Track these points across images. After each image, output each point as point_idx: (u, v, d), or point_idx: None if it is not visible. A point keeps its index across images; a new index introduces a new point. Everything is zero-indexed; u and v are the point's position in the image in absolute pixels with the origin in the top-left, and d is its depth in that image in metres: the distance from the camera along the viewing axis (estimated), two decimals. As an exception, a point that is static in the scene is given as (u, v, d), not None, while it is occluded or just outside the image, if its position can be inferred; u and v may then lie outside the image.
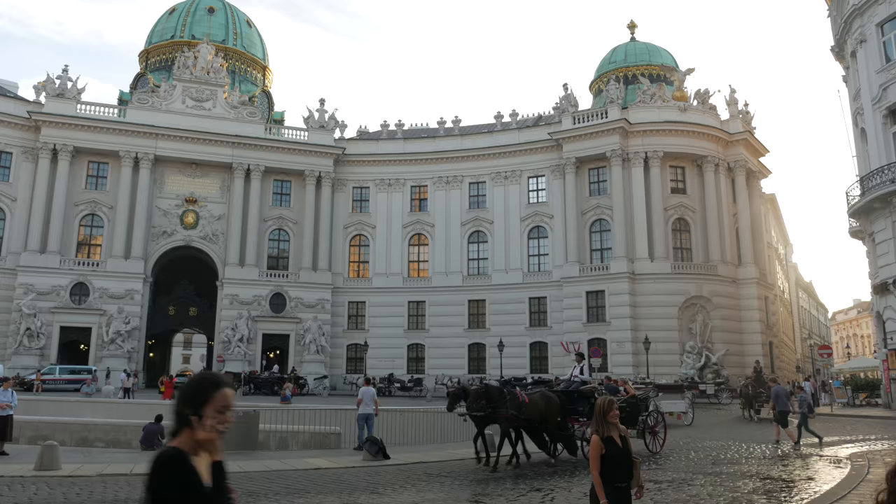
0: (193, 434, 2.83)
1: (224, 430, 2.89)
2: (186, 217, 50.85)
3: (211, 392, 2.88)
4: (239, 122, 52.67)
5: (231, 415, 2.92)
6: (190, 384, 2.97)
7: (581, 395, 15.79)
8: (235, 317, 48.93)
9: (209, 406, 2.85)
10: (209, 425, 2.84)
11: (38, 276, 45.85)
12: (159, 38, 64.99)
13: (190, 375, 3.29)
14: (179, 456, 2.77)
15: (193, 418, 2.83)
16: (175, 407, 2.91)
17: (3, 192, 47.25)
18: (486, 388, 14.99)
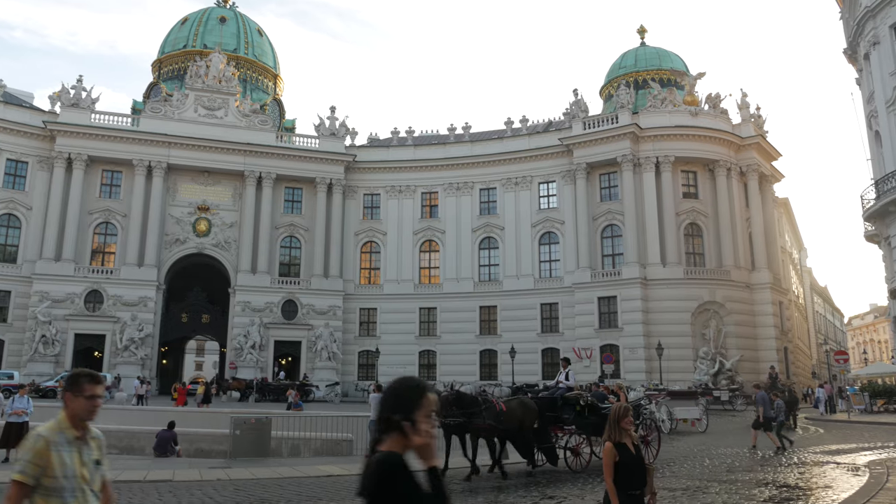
0: (406, 440, 2.81)
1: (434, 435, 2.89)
2: (199, 225, 51.16)
3: (419, 397, 2.87)
4: (250, 130, 52.99)
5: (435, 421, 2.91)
6: (397, 390, 2.94)
7: (566, 403, 15.09)
8: (247, 324, 49.10)
9: (420, 411, 2.84)
10: (424, 430, 2.82)
11: (53, 283, 46.24)
12: (172, 47, 65.58)
13: (386, 383, 3.21)
14: (401, 461, 2.77)
15: (406, 424, 2.80)
16: (381, 414, 2.90)
17: (19, 200, 47.75)
18: (458, 396, 14.39)
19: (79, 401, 3.67)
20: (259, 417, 18.74)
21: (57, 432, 3.61)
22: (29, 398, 16.28)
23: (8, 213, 47.52)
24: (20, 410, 15.49)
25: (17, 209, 47.74)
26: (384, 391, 3.01)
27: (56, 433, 3.61)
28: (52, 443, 3.54)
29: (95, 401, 3.71)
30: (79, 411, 3.67)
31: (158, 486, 12.24)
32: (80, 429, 3.69)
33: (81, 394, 3.67)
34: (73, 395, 3.68)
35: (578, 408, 14.81)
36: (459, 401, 14.04)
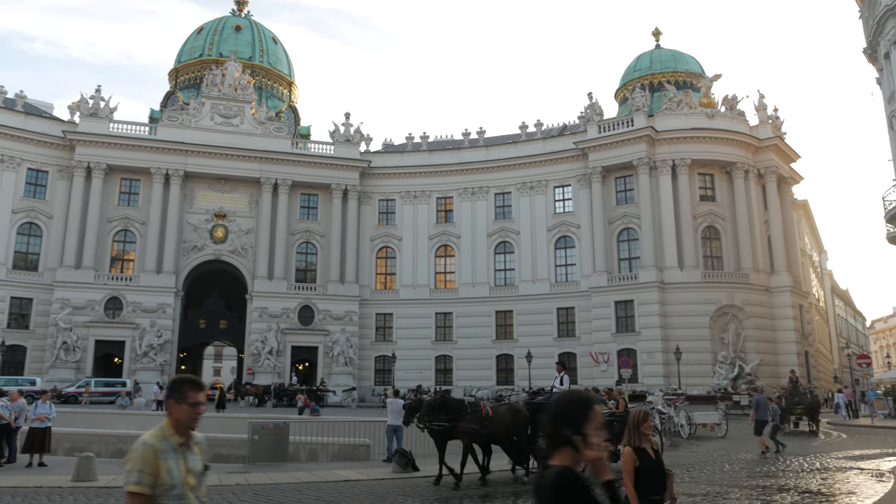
0: (577, 455, 2.79)
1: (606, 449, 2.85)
2: (216, 231, 51.55)
3: (587, 410, 2.85)
4: (266, 137, 53.36)
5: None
6: (565, 404, 2.92)
7: None
8: (265, 329, 49.36)
9: (589, 424, 2.82)
10: (595, 444, 2.80)
11: (73, 290, 46.77)
12: (188, 56, 66.19)
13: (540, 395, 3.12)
14: (578, 475, 2.75)
15: (576, 438, 2.78)
16: (549, 429, 2.89)
17: (40, 209, 48.39)
18: (443, 401, 14.23)
19: (182, 408, 3.59)
20: (277, 422, 18.83)
21: (161, 440, 3.54)
22: (51, 404, 16.48)
23: (29, 221, 48.16)
24: (43, 416, 15.67)
25: (39, 218, 48.39)
26: (551, 405, 2.98)
27: (161, 440, 3.53)
28: (158, 451, 3.48)
29: (199, 408, 3.63)
30: (183, 418, 3.59)
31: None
32: (184, 436, 3.62)
33: (185, 401, 3.60)
34: (177, 402, 3.60)
35: None
36: (444, 406, 13.89)
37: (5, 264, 46.62)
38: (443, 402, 14.15)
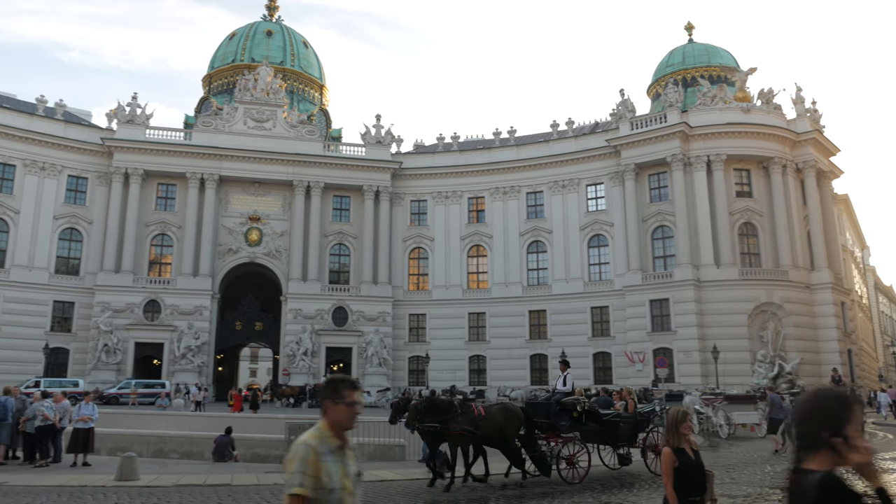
0: (838, 459, 2.57)
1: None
2: (250, 234, 52.22)
3: (847, 409, 2.61)
4: (298, 140, 53.89)
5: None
6: (818, 403, 2.67)
7: (563, 409, 14.23)
8: (299, 331, 49.84)
9: (851, 425, 2.58)
10: (860, 446, 2.55)
11: (113, 294, 47.77)
12: (221, 62, 67.16)
13: (812, 392, 2.79)
14: (845, 482, 2.54)
15: (837, 440, 2.55)
16: (804, 429, 2.67)
17: (80, 215, 49.53)
18: (431, 402, 13.87)
19: (339, 408, 3.47)
20: (313, 423, 18.97)
21: (321, 441, 3.42)
22: (94, 405, 16.82)
23: (70, 227, 49.33)
24: (86, 417, 16.01)
25: (79, 223, 49.53)
26: (799, 405, 2.76)
27: (320, 442, 3.41)
28: (319, 452, 3.37)
29: (356, 407, 3.50)
30: (340, 418, 3.47)
31: (218, 490, 12.49)
32: (340, 437, 3.49)
33: (342, 400, 3.47)
34: (334, 403, 3.48)
35: (575, 414, 14.13)
36: (434, 407, 13.54)
37: (48, 269, 47.82)
38: (431, 403, 13.83)
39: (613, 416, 14.71)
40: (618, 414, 14.80)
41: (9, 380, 32.55)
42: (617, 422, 14.48)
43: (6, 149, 47.43)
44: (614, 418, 14.63)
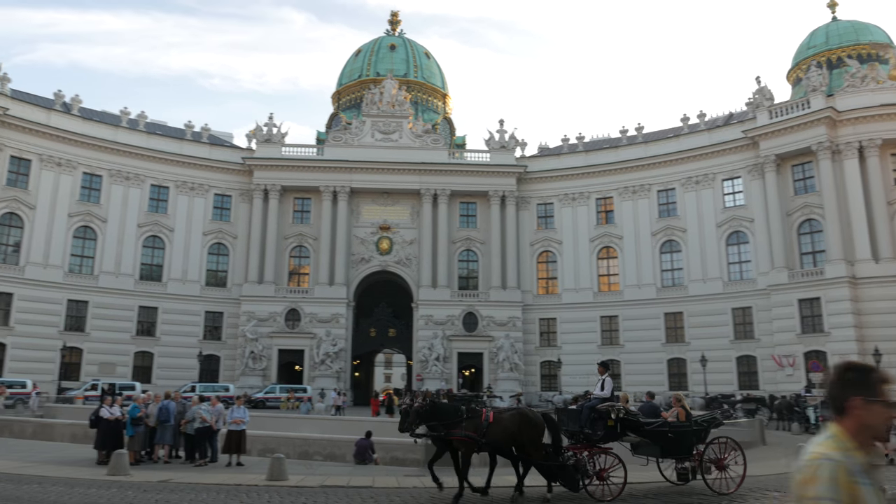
0: None
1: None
2: (381, 243, 53.80)
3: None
4: (424, 149, 54.97)
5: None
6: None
7: (598, 417, 12.77)
8: (431, 336, 50.67)
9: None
10: None
11: (257, 304, 50.72)
12: (348, 78, 69.79)
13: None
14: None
15: None
16: None
17: (226, 230, 53.08)
18: (434, 407, 13.07)
19: (874, 409, 2.60)
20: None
21: (844, 455, 2.54)
22: (245, 408, 17.80)
23: (218, 242, 52.93)
24: (238, 419, 16.98)
25: (225, 238, 53.06)
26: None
27: (845, 456, 2.54)
28: (849, 472, 2.50)
29: (894, 410, 2.62)
30: (874, 423, 2.59)
31: (361, 491, 12.80)
32: (869, 450, 2.59)
33: (878, 398, 2.61)
34: (866, 402, 2.60)
35: (610, 422, 12.63)
36: (436, 412, 12.78)
37: (199, 282, 51.54)
38: (433, 408, 13.07)
39: (659, 426, 13.14)
40: (664, 423, 13.22)
41: (169, 385, 35.25)
42: (664, 432, 12.93)
43: (161, 172, 51.65)
44: (660, 428, 13.07)
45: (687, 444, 12.91)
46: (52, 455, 17.60)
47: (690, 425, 13.23)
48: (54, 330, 45.20)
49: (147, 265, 50.60)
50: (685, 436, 12.95)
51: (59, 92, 49.84)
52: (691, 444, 12.96)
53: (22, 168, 46.50)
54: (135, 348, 48.49)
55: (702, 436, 13.15)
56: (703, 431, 13.20)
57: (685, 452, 13.00)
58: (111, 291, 48.05)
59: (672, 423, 13.26)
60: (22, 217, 46.00)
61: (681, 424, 13.22)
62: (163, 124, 58.61)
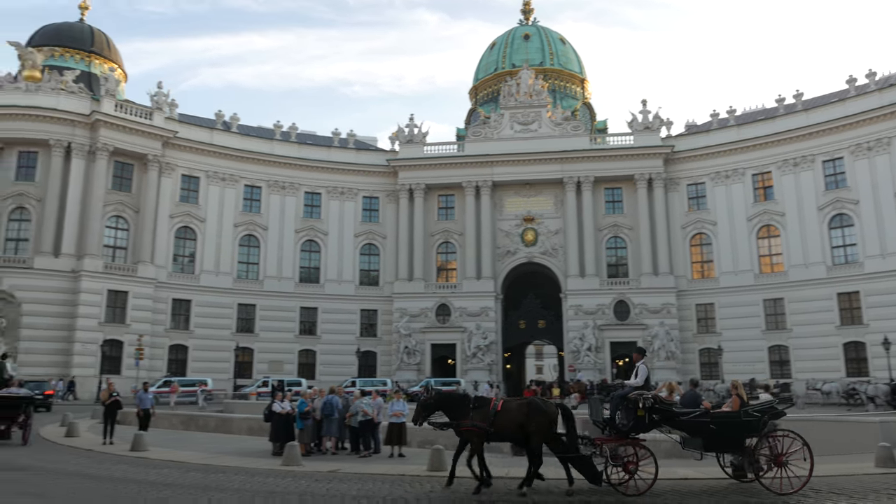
0: None
1: None
2: (526, 235, 53.65)
3: None
4: (564, 137, 54.14)
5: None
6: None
7: (627, 406, 11.90)
8: (581, 326, 49.85)
9: None
10: None
11: (408, 300, 52.32)
12: (484, 73, 70.16)
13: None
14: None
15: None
16: None
17: (375, 231, 55.21)
18: (440, 398, 12.83)
19: None
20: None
21: None
22: (404, 402, 18.40)
23: (368, 242, 55.15)
24: (398, 412, 17.55)
25: (375, 238, 55.18)
26: None
27: None
28: None
29: None
30: None
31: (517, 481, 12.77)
32: None
33: None
34: None
35: (641, 412, 11.69)
36: (443, 403, 12.66)
37: (353, 282, 53.99)
38: (440, 398, 12.86)
39: (697, 416, 11.86)
40: (705, 412, 11.87)
41: (331, 381, 37.14)
42: (704, 423, 11.67)
43: (313, 179, 54.59)
44: (699, 418, 11.80)
45: (733, 437, 11.61)
46: (232, 447, 19.06)
47: (738, 416, 11.78)
48: (228, 332, 49.16)
49: (305, 268, 53.69)
50: (730, 427, 11.62)
51: (219, 112, 54.04)
52: (740, 436, 11.60)
53: (192, 185, 50.89)
54: (299, 347, 51.64)
55: (755, 427, 11.65)
56: (755, 423, 11.66)
57: (732, 446, 11.78)
58: (275, 294, 51.45)
59: (715, 412, 11.93)
60: (195, 230, 50.33)
61: (725, 415, 11.89)
62: (312, 134, 61.83)
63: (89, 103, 46.69)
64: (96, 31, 53.88)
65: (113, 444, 18.61)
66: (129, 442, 17.74)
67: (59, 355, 42.35)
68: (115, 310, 44.91)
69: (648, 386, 12.44)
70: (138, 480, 12.86)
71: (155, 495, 11.33)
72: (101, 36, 53.98)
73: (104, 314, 44.21)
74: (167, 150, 49.14)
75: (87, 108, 46.40)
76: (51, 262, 43.68)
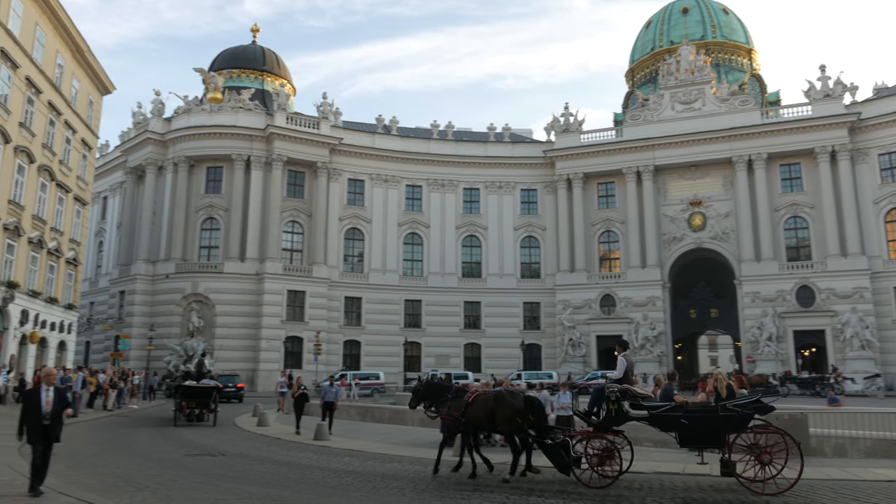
0: None
1: None
2: (693, 220, 51.05)
3: None
4: (731, 113, 50.86)
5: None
6: None
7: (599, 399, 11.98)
8: (759, 315, 46.63)
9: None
10: None
11: (571, 292, 51.66)
12: (640, 53, 67.51)
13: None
14: None
15: None
16: None
17: (535, 223, 55.07)
18: (428, 386, 13.66)
19: None
20: (793, 413, 17.25)
21: None
22: (570, 394, 18.15)
23: (528, 235, 55.09)
24: (565, 405, 17.36)
25: (535, 231, 55.01)
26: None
27: None
28: None
29: None
30: None
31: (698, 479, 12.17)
32: None
33: None
34: None
35: (611, 405, 11.61)
36: (428, 391, 13.51)
37: (515, 275, 54.21)
38: (426, 387, 13.67)
39: (667, 410, 11.41)
40: (677, 406, 11.37)
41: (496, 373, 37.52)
42: (675, 417, 11.22)
43: (471, 175, 55.40)
44: (670, 412, 11.34)
45: (709, 432, 11.08)
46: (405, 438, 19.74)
47: (715, 410, 11.15)
48: (396, 327, 51.24)
49: (467, 263, 54.64)
50: (706, 422, 11.09)
51: (379, 116, 56.42)
52: (718, 431, 10.96)
53: (358, 188, 53.52)
54: (464, 340, 52.69)
55: (735, 423, 10.88)
56: (736, 418, 10.89)
57: (709, 441, 11.33)
58: (439, 290, 52.85)
59: (689, 406, 11.58)
60: (362, 230, 52.90)
61: (699, 409, 11.53)
62: (468, 130, 62.76)
63: (264, 118, 50.55)
64: (267, 50, 58.17)
65: (300, 433, 19.95)
66: (312, 431, 18.92)
67: (248, 351, 46.33)
68: (294, 308, 48.38)
69: (627, 379, 12.36)
70: (322, 467, 13.68)
71: (338, 482, 11.98)
72: (271, 55, 58.20)
73: (285, 312, 47.75)
74: (334, 156, 52.03)
75: (262, 122, 50.27)
76: (238, 266, 47.84)
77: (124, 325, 47.46)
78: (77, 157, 37.45)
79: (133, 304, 48.02)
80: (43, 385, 9.12)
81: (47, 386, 9.15)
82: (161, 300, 47.77)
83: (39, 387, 9.16)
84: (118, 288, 50.67)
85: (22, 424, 8.86)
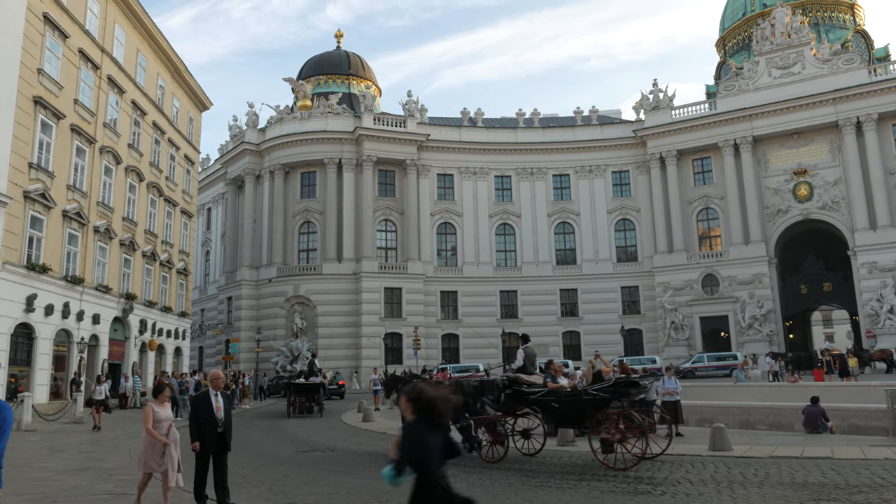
0: None
1: None
2: (798, 190, 48.41)
3: None
4: (834, 74, 47.81)
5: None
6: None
7: (491, 386, 13.56)
8: (878, 286, 43.74)
9: None
10: None
11: (670, 273, 50.13)
12: (730, 21, 64.56)
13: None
14: None
15: None
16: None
17: (628, 205, 53.66)
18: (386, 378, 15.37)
19: None
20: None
21: None
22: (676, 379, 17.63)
23: (622, 217, 53.79)
24: (671, 390, 16.86)
25: (629, 213, 53.62)
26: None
27: None
28: None
29: None
30: None
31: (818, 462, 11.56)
32: None
33: None
34: None
35: (509, 391, 13.03)
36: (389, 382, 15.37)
37: (611, 259, 53.11)
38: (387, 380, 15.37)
39: (542, 395, 12.60)
40: (550, 392, 12.51)
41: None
42: (548, 401, 12.45)
43: (560, 161, 54.61)
44: (545, 398, 12.55)
45: (575, 414, 12.37)
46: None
47: (579, 394, 12.38)
48: (493, 319, 51.27)
49: (561, 250, 53.96)
50: (573, 405, 12.27)
51: (464, 110, 56.42)
52: (582, 413, 12.16)
53: (447, 182, 53.84)
54: (562, 329, 52.12)
55: (599, 405, 11.91)
56: (598, 401, 11.90)
57: (578, 423, 12.76)
58: (534, 279, 52.49)
59: (560, 391, 12.58)
60: (454, 224, 53.21)
61: (568, 394, 12.56)
62: (554, 116, 61.86)
63: (352, 121, 51.69)
64: (351, 55, 59.40)
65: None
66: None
67: (349, 349, 47.60)
68: (392, 305, 49.30)
69: (527, 369, 13.67)
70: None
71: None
72: (356, 58, 59.39)
73: (383, 310, 48.75)
74: (422, 152, 52.56)
75: (350, 125, 51.41)
76: (335, 266, 49.22)
77: (233, 329, 49.83)
78: (181, 173, 39.57)
79: (240, 308, 50.33)
80: (210, 390, 8.56)
81: (214, 390, 8.52)
82: (266, 304, 49.83)
83: (208, 392, 8.60)
84: (225, 294, 53.23)
85: (199, 432, 8.24)
